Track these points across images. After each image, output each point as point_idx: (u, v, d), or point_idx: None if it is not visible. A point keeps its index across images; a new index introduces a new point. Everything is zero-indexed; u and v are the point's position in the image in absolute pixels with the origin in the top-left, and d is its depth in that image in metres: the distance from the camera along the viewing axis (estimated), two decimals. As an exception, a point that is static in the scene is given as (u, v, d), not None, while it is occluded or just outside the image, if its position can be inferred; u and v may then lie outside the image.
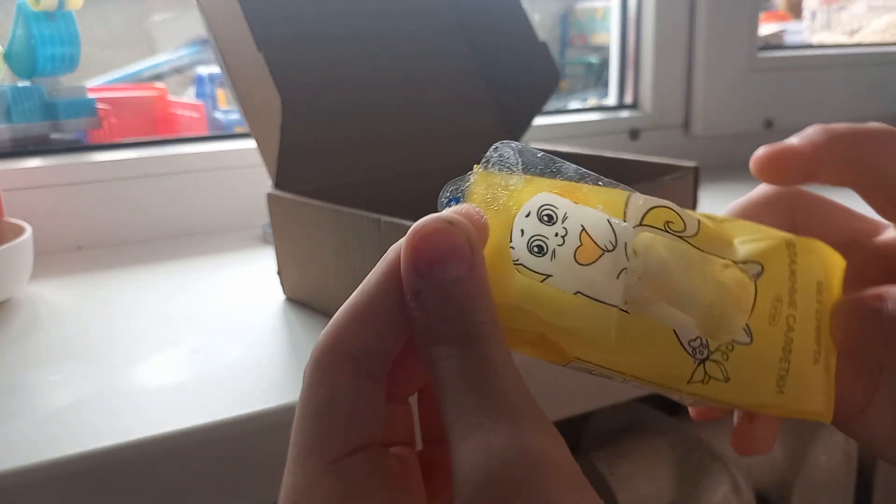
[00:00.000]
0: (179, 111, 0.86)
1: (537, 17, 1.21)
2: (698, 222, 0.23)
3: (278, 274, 0.54)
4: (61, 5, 0.66)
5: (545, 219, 0.21)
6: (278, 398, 0.39)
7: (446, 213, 0.20)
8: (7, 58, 0.68)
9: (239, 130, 0.83)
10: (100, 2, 0.89)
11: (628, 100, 1.00)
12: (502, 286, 0.20)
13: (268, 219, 0.55)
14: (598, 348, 0.21)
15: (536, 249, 0.21)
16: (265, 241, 0.70)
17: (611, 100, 1.02)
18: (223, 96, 0.88)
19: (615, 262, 0.21)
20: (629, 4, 0.98)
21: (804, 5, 1.52)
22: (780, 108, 1.08)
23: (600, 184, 0.22)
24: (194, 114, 0.85)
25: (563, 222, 0.21)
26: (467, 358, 0.19)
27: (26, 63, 0.67)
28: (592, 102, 1.09)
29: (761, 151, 0.26)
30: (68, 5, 0.66)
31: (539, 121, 0.88)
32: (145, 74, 0.99)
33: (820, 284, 0.24)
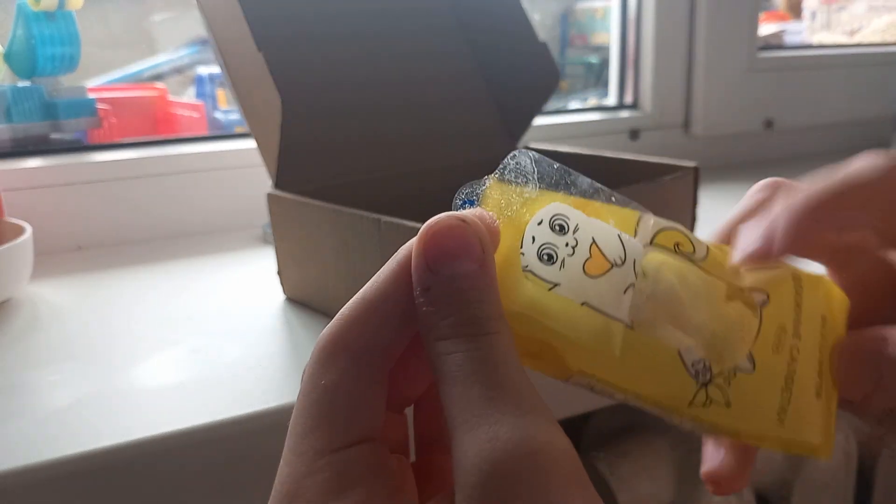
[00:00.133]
0: (179, 111, 0.86)
1: (537, 17, 1.21)
2: (707, 248, 0.23)
3: (278, 274, 0.54)
4: (61, 5, 0.66)
5: (557, 228, 0.21)
6: (278, 398, 0.39)
7: (460, 212, 0.20)
8: (7, 58, 0.68)
9: (239, 130, 0.83)
10: (100, 2, 0.89)
11: (628, 100, 1.00)
12: (510, 292, 0.21)
13: (268, 219, 0.55)
14: (600, 361, 0.21)
15: (546, 257, 0.21)
16: (265, 241, 0.70)
17: (611, 100, 1.02)
18: (223, 96, 0.88)
19: (623, 278, 0.21)
20: (629, 4, 0.98)
21: (804, 5, 1.52)
22: (780, 108, 1.08)
23: (613, 200, 0.22)
24: (194, 114, 0.85)
25: (574, 233, 0.21)
26: (475, 351, 0.19)
27: (26, 63, 0.67)
28: (592, 102, 1.09)
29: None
30: (68, 5, 0.66)
31: (539, 121, 0.88)
32: (145, 74, 0.99)
33: (824, 319, 0.24)
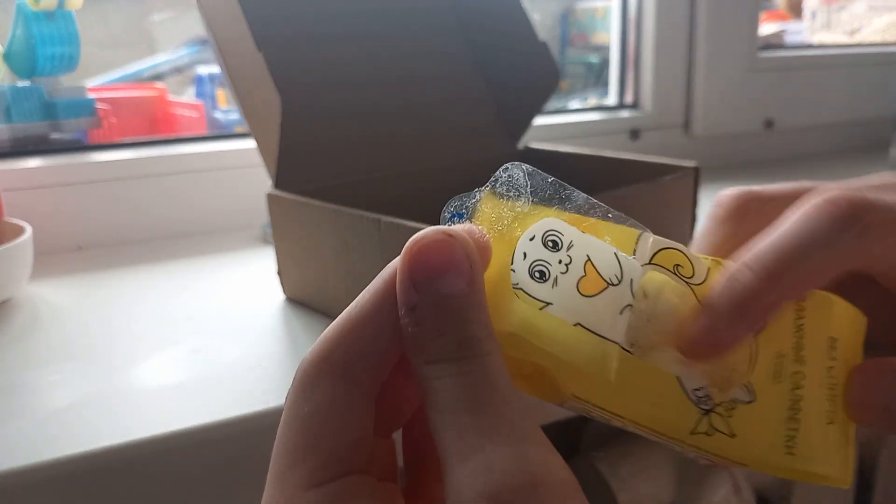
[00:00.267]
0: (179, 111, 0.86)
1: (537, 17, 1.21)
2: (707, 269, 0.21)
3: (278, 274, 0.54)
4: (61, 5, 0.66)
5: (550, 244, 0.20)
6: (278, 398, 0.39)
7: (446, 227, 0.19)
8: (7, 58, 0.68)
9: (239, 130, 0.82)
10: (100, 2, 0.89)
11: (628, 100, 1.00)
12: (499, 311, 0.20)
13: (268, 219, 0.55)
14: (595, 386, 0.20)
15: (538, 275, 0.20)
16: (265, 241, 0.70)
17: (611, 100, 1.02)
18: (223, 96, 0.88)
19: (619, 297, 0.20)
20: (629, 4, 0.98)
21: (804, 5, 1.51)
22: (780, 108, 1.08)
23: (610, 216, 0.21)
24: (194, 114, 0.85)
25: (568, 250, 0.20)
26: (464, 376, 0.18)
27: (26, 63, 0.67)
28: (593, 102, 1.09)
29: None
30: (68, 5, 0.66)
31: (539, 121, 0.88)
32: (145, 74, 0.99)
33: (833, 341, 0.22)
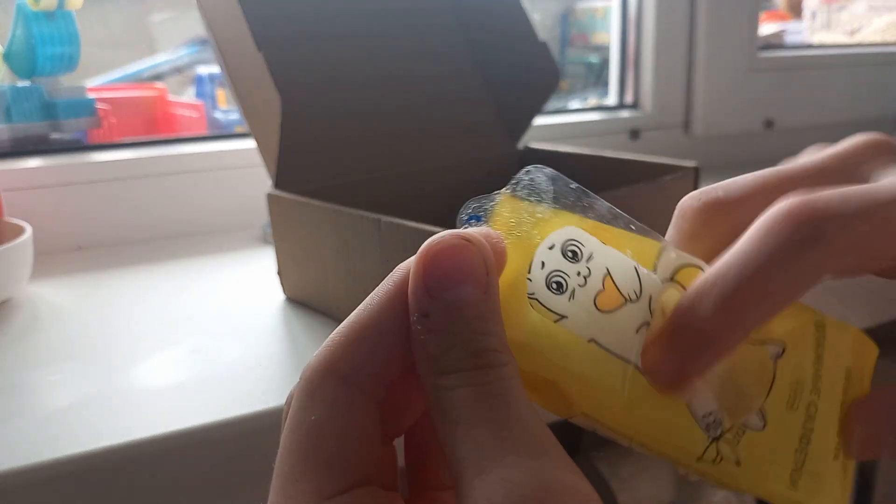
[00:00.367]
0: (179, 111, 0.86)
1: (537, 17, 1.21)
2: None
3: (278, 274, 0.54)
4: (61, 5, 0.66)
5: (569, 254, 0.19)
6: (278, 398, 0.39)
7: (463, 230, 0.18)
8: (7, 58, 0.68)
9: (239, 130, 0.82)
10: (100, 2, 0.89)
11: (628, 100, 1.00)
12: (512, 319, 0.19)
13: (268, 219, 0.55)
14: (606, 405, 0.19)
15: (555, 286, 0.19)
16: (265, 241, 0.70)
17: (611, 100, 1.02)
18: (223, 96, 0.88)
19: (637, 315, 0.19)
20: (629, 4, 0.98)
21: (804, 5, 1.51)
22: (780, 108, 1.08)
23: (632, 228, 0.21)
24: (194, 114, 0.85)
25: (587, 261, 0.19)
26: (479, 387, 0.17)
27: (26, 63, 0.67)
28: (593, 102, 1.09)
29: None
30: (68, 5, 0.66)
31: (539, 121, 0.88)
32: (145, 74, 0.99)
33: (849, 372, 0.21)
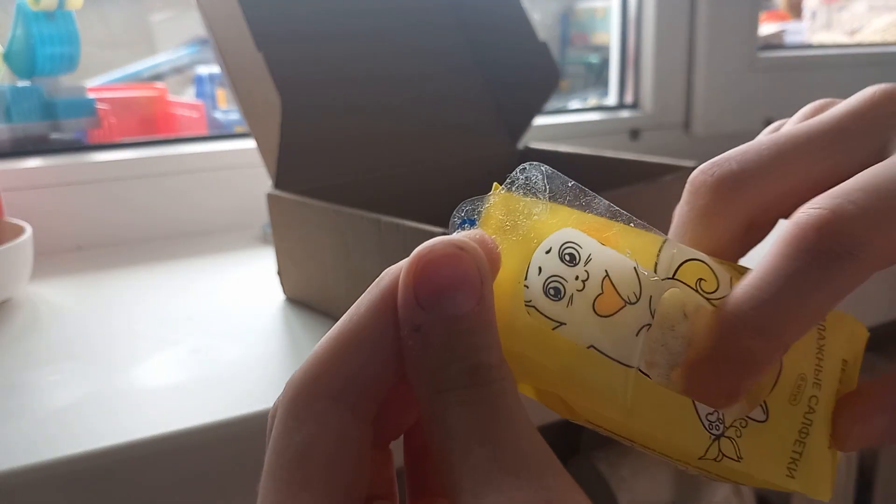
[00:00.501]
0: (179, 111, 0.86)
1: (537, 17, 1.20)
2: (730, 283, 0.20)
3: (278, 274, 0.54)
4: (61, 5, 0.66)
5: (567, 258, 0.19)
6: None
7: (456, 237, 0.17)
8: (7, 58, 0.68)
9: (239, 130, 0.82)
10: (100, 2, 0.89)
11: (628, 100, 1.00)
12: (509, 328, 0.18)
13: (268, 219, 0.55)
14: (607, 412, 0.19)
15: (552, 292, 0.18)
16: (265, 241, 0.70)
17: (611, 100, 1.02)
18: (223, 96, 0.88)
19: (637, 317, 0.19)
20: (629, 4, 0.98)
21: (804, 5, 1.51)
22: (780, 108, 1.08)
23: (632, 225, 0.20)
24: (194, 113, 0.85)
25: (585, 264, 0.19)
26: (475, 405, 0.16)
27: (26, 63, 0.67)
28: (593, 102, 1.09)
29: None
30: (68, 5, 0.66)
31: (539, 121, 0.88)
32: (145, 74, 0.99)
33: (845, 363, 0.21)
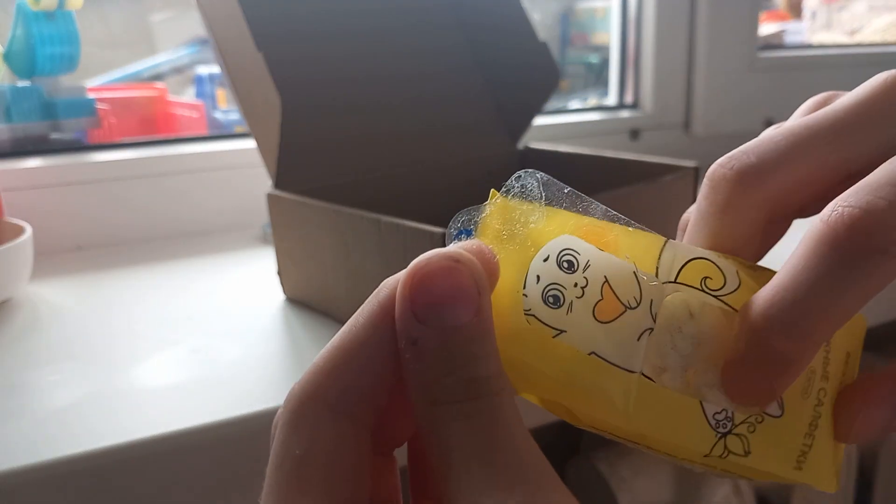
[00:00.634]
0: (179, 111, 0.86)
1: (537, 17, 1.20)
2: (738, 279, 0.20)
3: (278, 274, 0.54)
4: (61, 5, 0.66)
5: (565, 265, 0.19)
6: (278, 398, 0.39)
7: (452, 249, 0.17)
8: (7, 58, 0.68)
9: (239, 130, 0.82)
10: (100, 2, 0.89)
11: (628, 100, 1.00)
12: (509, 337, 0.18)
13: (268, 219, 0.55)
14: (610, 417, 0.19)
15: (552, 300, 0.18)
16: (265, 241, 0.70)
17: (611, 99, 1.02)
18: (223, 96, 0.88)
19: (638, 322, 0.19)
20: (629, 4, 0.98)
21: (804, 5, 1.51)
22: (780, 108, 1.08)
23: (631, 229, 0.20)
24: (194, 114, 0.85)
25: (584, 271, 0.19)
26: (473, 419, 0.16)
27: (26, 63, 0.67)
28: (593, 102, 1.09)
29: None
30: (68, 5, 0.66)
31: (539, 121, 0.88)
32: (145, 74, 0.99)
33: (848, 356, 0.21)
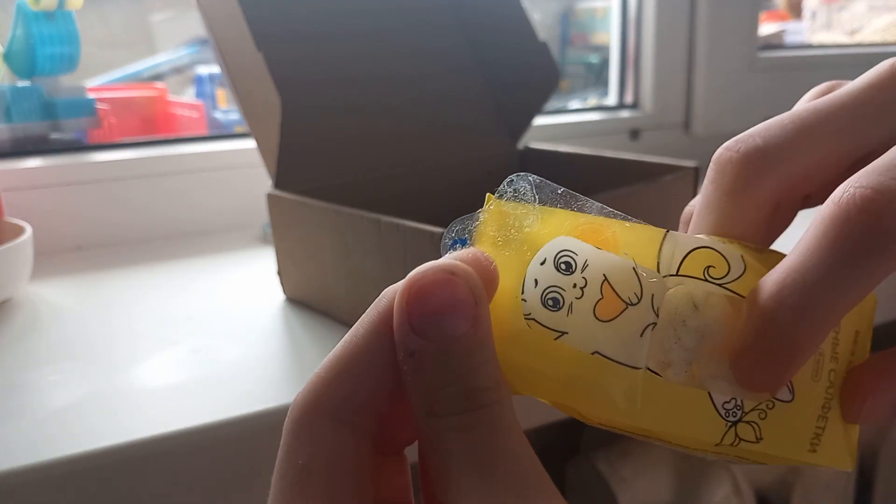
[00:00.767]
0: (179, 111, 0.86)
1: (537, 17, 1.20)
2: (743, 264, 0.20)
3: (278, 274, 0.54)
4: (61, 5, 0.66)
5: (562, 267, 0.19)
6: (278, 398, 0.39)
7: (448, 261, 0.18)
8: (7, 58, 0.68)
9: (239, 130, 0.82)
10: (100, 2, 0.89)
11: (628, 100, 1.00)
12: (510, 343, 0.18)
13: (268, 219, 0.55)
14: (617, 414, 0.19)
15: (551, 303, 0.18)
16: (265, 241, 0.70)
17: (611, 100, 1.02)
18: (223, 96, 0.88)
19: (639, 318, 0.18)
20: (629, 4, 0.98)
21: (804, 5, 1.51)
22: (780, 108, 1.06)
23: (628, 224, 0.20)
24: (194, 114, 0.85)
25: (582, 271, 0.19)
26: (470, 431, 0.17)
27: (26, 63, 0.67)
28: (593, 102, 1.09)
29: None
30: (68, 5, 0.66)
31: (539, 121, 0.88)
32: (145, 74, 0.99)
33: (857, 335, 0.21)
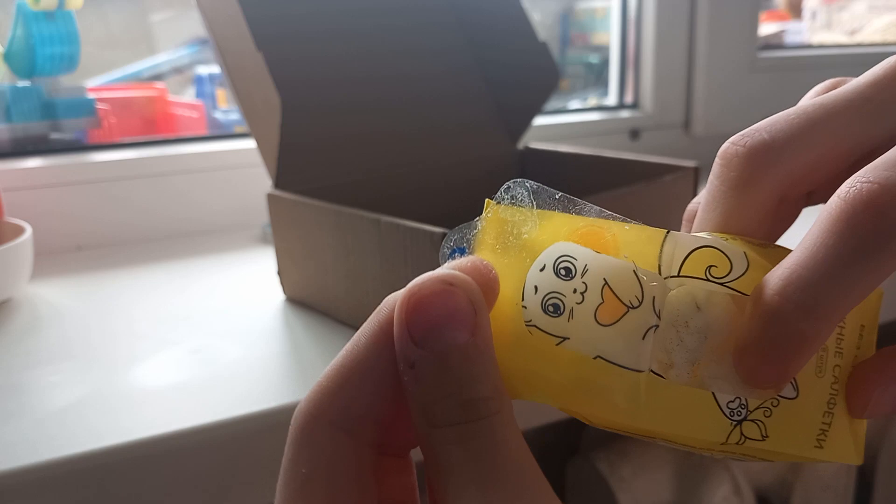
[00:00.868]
0: (179, 111, 0.86)
1: (537, 17, 1.20)
2: (746, 261, 0.19)
3: (278, 274, 0.54)
4: (61, 5, 0.66)
5: (562, 272, 0.19)
6: (278, 398, 0.39)
7: (447, 271, 0.18)
8: (7, 58, 0.68)
9: (239, 130, 0.83)
10: (100, 2, 0.89)
11: (628, 99, 1.00)
12: (512, 351, 0.18)
13: (268, 219, 0.55)
14: (621, 417, 0.19)
15: (552, 309, 0.18)
16: (265, 241, 0.70)
17: (611, 99, 1.02)
18: (223, 96, 0.88)
19: (641, 321, 0.18)
20: (629, 4, 0.98)
21: (804, 5, 1.52)
22: (780, 108, 1.07)
23: (626, 229, 0.20)
24: (194, 113, 0.85)
25: (582, 276, 0.19)
26: (470, 441, 0.17)
27: (26, 63, 0.67)
28: (593, 102, 1.09)
29: None
30: (68, 5, 0.66)
31: (539, 121, 0.88)
32: (145, 74, 0.99)
33: (862, 329, 0.21)
